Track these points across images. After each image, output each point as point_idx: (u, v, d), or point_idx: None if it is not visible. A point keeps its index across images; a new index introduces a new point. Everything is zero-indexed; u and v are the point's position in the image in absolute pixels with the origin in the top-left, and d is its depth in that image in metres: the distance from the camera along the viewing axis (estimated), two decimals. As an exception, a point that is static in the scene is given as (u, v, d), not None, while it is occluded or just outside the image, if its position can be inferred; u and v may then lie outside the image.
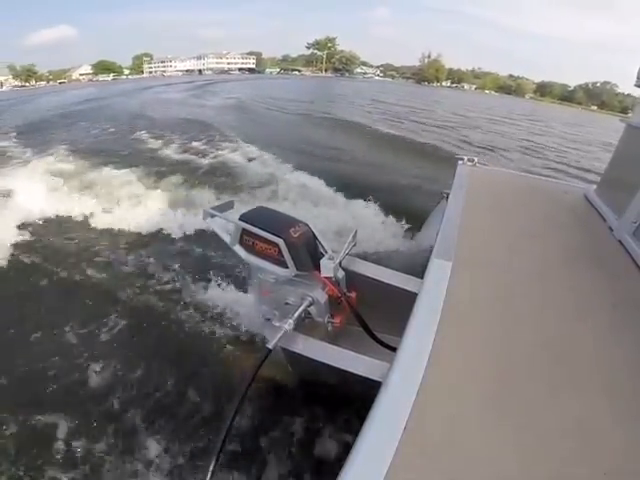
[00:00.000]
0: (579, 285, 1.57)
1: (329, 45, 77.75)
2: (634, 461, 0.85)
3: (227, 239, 1.64)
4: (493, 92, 69.63)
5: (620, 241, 1.91)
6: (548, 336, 1.25)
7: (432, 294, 1.35)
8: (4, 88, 48.98)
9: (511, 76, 75.93)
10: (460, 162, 3.03)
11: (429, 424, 0.89)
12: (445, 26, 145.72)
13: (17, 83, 53.29)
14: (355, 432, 0.88)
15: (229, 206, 1.75)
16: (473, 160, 3.04)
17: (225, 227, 1.68)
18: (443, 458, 0.83)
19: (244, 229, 1.55)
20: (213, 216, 1.69)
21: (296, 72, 76.10)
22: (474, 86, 73.22)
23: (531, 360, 1.14)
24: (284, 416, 1.93)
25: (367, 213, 4.28)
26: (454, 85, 72.89)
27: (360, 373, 1.21)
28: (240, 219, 1.57)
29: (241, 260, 1.63)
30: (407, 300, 1.37)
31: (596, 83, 68.61)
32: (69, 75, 61.89)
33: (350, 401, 1.68)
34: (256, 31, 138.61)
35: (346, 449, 0.84)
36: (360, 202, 4.53)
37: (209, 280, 2.97)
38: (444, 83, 73.01)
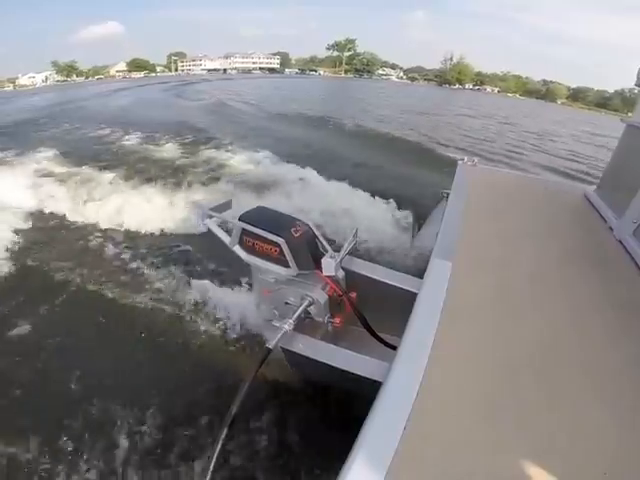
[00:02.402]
0: (579, 285, 1.57)
1: (349, 47, 77.63)
2: (633, 461, 0.85)
3: (226, 240, 1.64)
4: (518, 95, 66.74)
5: (620, 241, 1.91)
6: (548, 336, 1.25)
7: (432, 294, 1.35)
8: (48, 82, 55.05)
9: (544, 81, 73.15)
10: (460, 162, 3.03)
11: (429, 424, 0.89)
12: (483, 30, 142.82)
13: (59, 78, 58.64)
14: (355, 432, 0.88)
15: (227, 206, 1.75)
16: (473, 160, 3.05)
17: (224, 228, 1.68)
18: (443, 458, 0.83)
19: (244, 229, 1.55)
20: (211, 217, 1.69)
21: (313, 72, 76.08)
22: (497, 89, 70.98)
23: (531, 360, 1.14)
24: (284, 416, 1.93)
25: (367, 213, 4.28)
26: (476, 88, 71.21)
27: (360, 373, 1.22)
28: (240, 219, 1.57)
29: (241, 260, 1.63)
30: (407, 300, 1.37)
31: (633, 89, 65.83)
32: (107, 71, 65.52)
33: (350, 401, 1.68)
34: (293, 30, 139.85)
35: (346, 449, 0.84)
36: (361, 202, 4.53)
37: (208, 281, 2.97)
38: (467, 85, 71.38)
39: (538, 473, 0.81)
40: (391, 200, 4.55)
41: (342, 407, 1.80)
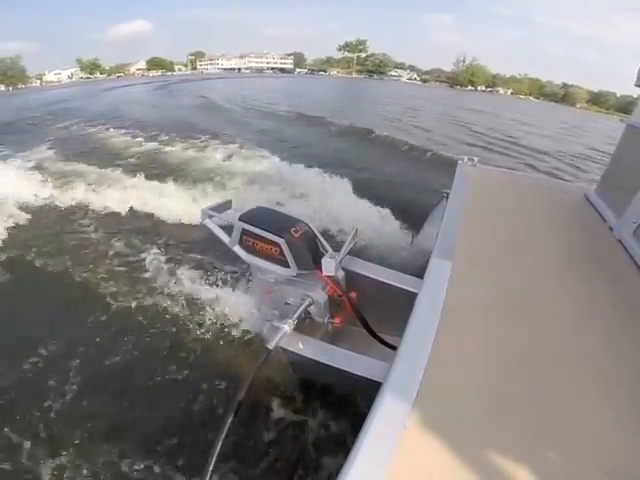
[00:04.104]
0: (579, 285, 1.57)
1: (360, 47, 77.96)
2: (634, 461, 0.85)
3: (226, 240, 1.64)
4: (531, 98, 65.69)
5: (620, 241, 1.91)
6: (548, 336, 1.25)
7: (432, 294, 1.35)
8: (73, 79, 60.67)
9: (564, 84, 71.53)
10: (460, 162, 3.03)
11: (429, 424, 0.89)
12: (509, 33, 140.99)
13: (83, 75, 64.06)
14: (355, 432, 0.88)
15: (227, 206, 1.75)
16: (473, 160, 3.04)
17: (224, 227, 1.68)
18: (443, 458, 0.83)
19: (244, 229, 1.55)
20: (211, 217, 1.69)
21: (322, 72, 76.72)
22: (510, 91, 70.18)
23: (531, 360, 1.14)
24: (284, 416, 1.93)
25: (368, 213, 4.28)
26: (488, 90, 70.77)
27: (360, 373, 1.22)
28: (240, 219, 1.57)
29: (241, 260, 1.63)
30: (407, 300, 1.37)
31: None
32: (127, 69, 69.49)
33: (350, 401, 1.68)
34: (316, 31, 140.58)
35: (346, 449, 0.84)
36: (361, 202, 4.53)
37: (208, 280, 2.97)
38: (480, 87, 70.83)
39: (538, 472, 0.81)
40: (391, 200, 4.56)
41: (342, 407, 1.80)
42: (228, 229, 1.64)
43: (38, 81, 55.49)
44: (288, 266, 1.50)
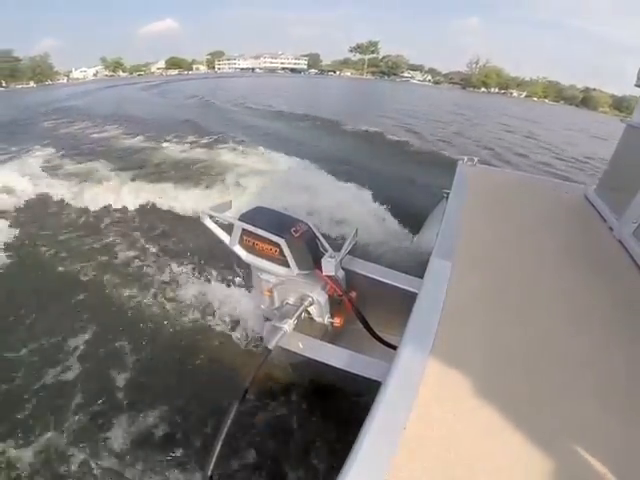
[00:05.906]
0: (579, 285, 1.57)
1: (371, 49, 78.31)
2: (631, 461, 0.85)
3: (226, 240, 1.64)
4: (547, 101, 64.58)
5: (620, 241, 1.91)
6: (548, 336, 1.25)
7: (432, 294, 1.35)
8: (98, 76, 65.36)
9: (587, 88, 69.08)
10: (460, 162, 3.03)
11: (429, 424, 0.89)
12: (538, 36, 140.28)
13: (107, 73, 68.76)
14: (355, 432, 0.88)
15: (227, 206, 1.75)
16: (473, 160, 3.04)
17: (224, 227, 1.69)
18: (443, 458, 0.83)
19: (244, 229, 1.56)
20: (211, 216, 1.69)
21: (332, 73, 77.74)
22: (523, 93, 69.28)
23: (531, 360, 1.14)
24: (284, 416, 1.93)
25: (368, 213, 4.28)
26: (502, 92, 70.15)
27: (360, 373, 1.22)
28: (240, 219, 1.57)
29: (241, 260, 1.63)
30: (407, 300, 1.38)
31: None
32: (148, 68, 74.33)
33: (350, 401, 1.68)
34: (340, 32, 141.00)
35: (346, 449, 0.84)
36: (361, 202, 4.53)
37: (209, 280, 2.97)
38: (492, 89, 70.35)
39: (538, 473, 0.81)
40: (391, 200, 4.56)
41: (342, 407, 1.80)
42: (228, 229, 1.64)
43: (65, 78, 59.43)
44: (288, 266, 1.50)
